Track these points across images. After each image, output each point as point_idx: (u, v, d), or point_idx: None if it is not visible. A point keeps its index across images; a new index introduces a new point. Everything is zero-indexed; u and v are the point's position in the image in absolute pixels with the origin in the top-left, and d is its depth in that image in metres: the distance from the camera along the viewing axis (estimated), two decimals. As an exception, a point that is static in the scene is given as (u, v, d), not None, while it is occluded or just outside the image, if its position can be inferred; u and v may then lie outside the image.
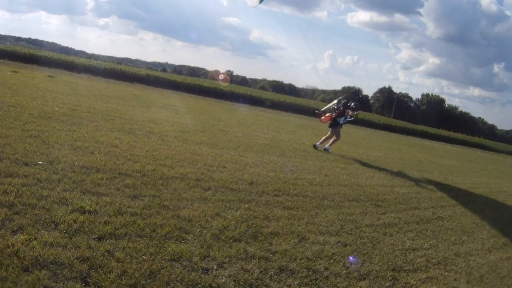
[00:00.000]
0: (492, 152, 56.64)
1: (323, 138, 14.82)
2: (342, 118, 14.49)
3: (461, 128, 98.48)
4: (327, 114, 14.84)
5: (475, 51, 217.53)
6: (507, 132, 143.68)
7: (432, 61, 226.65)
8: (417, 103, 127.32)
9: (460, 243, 7.58)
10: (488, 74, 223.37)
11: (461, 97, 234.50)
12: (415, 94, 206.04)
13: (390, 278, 5.12)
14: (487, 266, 6.69)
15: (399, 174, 13.71)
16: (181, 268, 4.05)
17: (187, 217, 5.34)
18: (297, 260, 4.88)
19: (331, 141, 14.74)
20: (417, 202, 10.02)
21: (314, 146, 14.80)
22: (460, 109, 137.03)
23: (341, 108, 14.47)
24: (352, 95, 18.28)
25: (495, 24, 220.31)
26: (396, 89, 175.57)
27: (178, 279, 3.84)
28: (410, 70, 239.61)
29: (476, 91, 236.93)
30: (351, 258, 5.34)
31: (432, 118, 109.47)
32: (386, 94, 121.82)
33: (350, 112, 14.54)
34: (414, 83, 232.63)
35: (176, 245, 4.47)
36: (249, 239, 5.16)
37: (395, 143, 29.64)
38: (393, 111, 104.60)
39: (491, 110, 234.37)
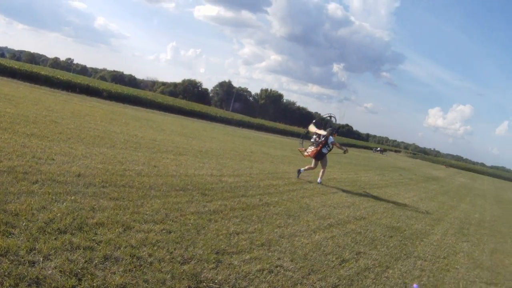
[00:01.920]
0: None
1: (307, 167, 15.78)
2: (325, 148, 15.27)
3: (298, 122, 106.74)
4: (312, 149, 15.50)
5: (316, 51, 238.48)
6: (342, 126, 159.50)
7: (274, 58, 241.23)
8: (256, 97, 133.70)
9: (285, 226, 8.41)
10: (328, 73, 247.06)
11: (299, 93, 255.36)
12: (255, 89, 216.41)
13: (213, 260, 5.63)
14: (311, 245, 7.53)
15: (229, 164, 14.61)
16: (8, 262, 4.12)
17: (13, 211, 5.32)
18: (122, 249, 5.18)
19: (322, 172, 15.51)
20: (244, 190, 10.80)
21: (298, 173, 15.64)
22: (298, 104, 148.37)
23: (323, 140, 15.13)
24: (328, 125, 18.75)
25: (339, 28, 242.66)
26: (236, 83, 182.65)
27: (6, 273, 3.93)
28: (251, 65, 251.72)
29: (314, 88, 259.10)
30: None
31: (270, 112, 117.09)
32: (226, 88, 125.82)
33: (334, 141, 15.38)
34: (254, 78, 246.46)
35: (2, 240, 4.51)
36: (74, 230, 5.32)
37: (230, 135, 30.93)
38: (232, 105, 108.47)
39: (329, 106, 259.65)
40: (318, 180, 15.33)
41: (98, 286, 4.22)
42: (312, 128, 16.08)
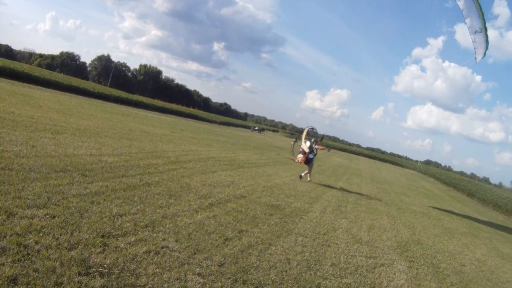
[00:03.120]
0: (205, 122, 62.58)
1: (305, 173, 19.38)
2: (311, 154, 18.93)
3: (177, 99, 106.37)
4: (301, 157, 19.08)
5: (198, 29, 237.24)
6: (221, 104, 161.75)
7: (155, 33, 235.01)
8: (135, 73, 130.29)
9: (167, 206, 8.55)
10: (208, 51, 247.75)
11: (178, 70, 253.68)
12: (134, 64, 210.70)
13: (100, 244, 5.65)
14: (194, 225, 7.75)
15: (108, 143, 14.31)
16: None
17: None
18: (7, 237, 5.03)
19: (309, 173, 19.39)
20: (125, 170, 10.73)
21: (300, 178, 19.20)
22: (176, 81, 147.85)
23: (309, 148, 18.80)
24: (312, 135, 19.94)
25: (222, 7, 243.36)
26: (115, 58, 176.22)
27: None
28: (131, 40, 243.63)
29: (194, 66, 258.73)
30: None
31: (149, 89, 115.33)
32: (104, 62, 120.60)
33: (318, 146, 19.08)
34: (134, 53, 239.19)
35: None
36: None
37: (108, 112, 29.93)
38: (110, 80, 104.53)
39: (207, 84, 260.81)
40: (308, 179, 19.11)
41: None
42: (303, 141, 19.64)
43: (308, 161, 18.98)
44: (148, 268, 5.35)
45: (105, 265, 5.06)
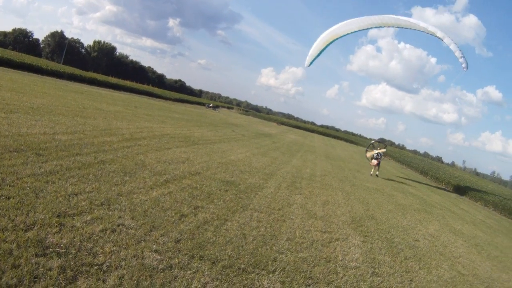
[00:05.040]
0: (160, 99, 61.63)
1: (374, 171, 28.22)
2: (379, 159, 28.51)
3: (131, 76, 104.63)
4: (374, 162, 28.01)
5: (153, 4, 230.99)
6: (176, 81, 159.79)
7: (109, 8, 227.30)
8: (89, 49, 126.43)
9: (123, 183, 8.55)
10: (163, 28, 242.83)
11: (133, 47, 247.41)
12: (88, 41, 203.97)
13: (56, 224, 5.64)
14: (150, 202, 7.81)
15: (62, 121, 14.00)
16: None
17: None
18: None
19: (377, 170, 28.60)
20: (79, 148, 10.60)
21: (373, 175, 27.79)
22: (131, 58, 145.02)
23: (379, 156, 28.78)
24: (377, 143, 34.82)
25: None
26: (69, 34, 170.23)
27: None
28: (85, 15, 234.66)
29: (148, 42, 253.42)
30: None
31: (103, 66, 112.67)
32: (57, 38, 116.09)
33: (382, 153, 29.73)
34: (88, 29, 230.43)
35: None
36: None
37: (61, 90, 29.00)
38: (63, 57, 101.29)
39: (162, 61, 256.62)
40: (377, 173, 28.09)
41: None
42: (371, 151, 30.88)
43: (378, 164, 28.27)
44: (105, 246, 5.39)
45: (62, 245, 5.07)
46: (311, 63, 30.14)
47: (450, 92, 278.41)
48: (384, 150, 30.56)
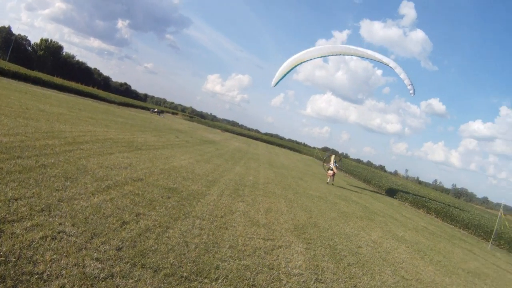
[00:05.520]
0: (104, 102, 60.51)
1: (330, 181, 32.34)
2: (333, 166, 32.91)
3: (77, 77, 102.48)
4: (330, 172, 31.84)
5: (103, 4, 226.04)
6: (121, 84, 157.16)
7: (59, 5, 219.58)
8: (35, 47, 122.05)
9: (64, 189, 8.44)
10: (112, 29, 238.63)
11: (80, 47, 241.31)
12: (35, 38, 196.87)
13: (-5, 230, 5.53)
14: (91, 208, 7.74)
15: (4, 122, 13.64)
16: None
17: None
18: None
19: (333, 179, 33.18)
20: (20, 151, 10.38)
21: (329, 183, 31.78)
22: (77, 58, 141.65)
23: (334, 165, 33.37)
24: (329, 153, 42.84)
25: None
26: (16, 30, 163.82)
27: None
28: (34, 11, 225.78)
29: (96, 43, 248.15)
30: None
31: (48, 65, 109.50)
32: (4, 34, 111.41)
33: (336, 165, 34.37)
34: (36, 26, 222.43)
35: None
36: None
37: (4, 89, 27.93)
38: (9, 54, 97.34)
39: (109, 63, 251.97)
40: (332, 183, 32.19)
41: None
42: (328, 160, 36.06)
43: (333, 174, 32.28)
44: (45, 254, 5.35)
45: (1, 253, 5.01)
46: (276, 83, 34.68)
47: (394, 103, 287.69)
48: (339, 161, 35.11)
